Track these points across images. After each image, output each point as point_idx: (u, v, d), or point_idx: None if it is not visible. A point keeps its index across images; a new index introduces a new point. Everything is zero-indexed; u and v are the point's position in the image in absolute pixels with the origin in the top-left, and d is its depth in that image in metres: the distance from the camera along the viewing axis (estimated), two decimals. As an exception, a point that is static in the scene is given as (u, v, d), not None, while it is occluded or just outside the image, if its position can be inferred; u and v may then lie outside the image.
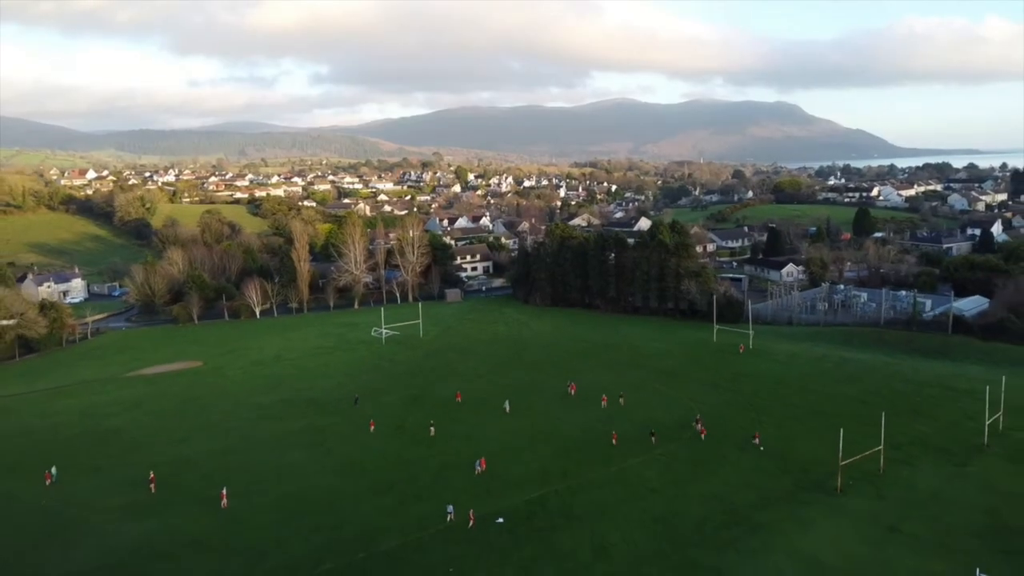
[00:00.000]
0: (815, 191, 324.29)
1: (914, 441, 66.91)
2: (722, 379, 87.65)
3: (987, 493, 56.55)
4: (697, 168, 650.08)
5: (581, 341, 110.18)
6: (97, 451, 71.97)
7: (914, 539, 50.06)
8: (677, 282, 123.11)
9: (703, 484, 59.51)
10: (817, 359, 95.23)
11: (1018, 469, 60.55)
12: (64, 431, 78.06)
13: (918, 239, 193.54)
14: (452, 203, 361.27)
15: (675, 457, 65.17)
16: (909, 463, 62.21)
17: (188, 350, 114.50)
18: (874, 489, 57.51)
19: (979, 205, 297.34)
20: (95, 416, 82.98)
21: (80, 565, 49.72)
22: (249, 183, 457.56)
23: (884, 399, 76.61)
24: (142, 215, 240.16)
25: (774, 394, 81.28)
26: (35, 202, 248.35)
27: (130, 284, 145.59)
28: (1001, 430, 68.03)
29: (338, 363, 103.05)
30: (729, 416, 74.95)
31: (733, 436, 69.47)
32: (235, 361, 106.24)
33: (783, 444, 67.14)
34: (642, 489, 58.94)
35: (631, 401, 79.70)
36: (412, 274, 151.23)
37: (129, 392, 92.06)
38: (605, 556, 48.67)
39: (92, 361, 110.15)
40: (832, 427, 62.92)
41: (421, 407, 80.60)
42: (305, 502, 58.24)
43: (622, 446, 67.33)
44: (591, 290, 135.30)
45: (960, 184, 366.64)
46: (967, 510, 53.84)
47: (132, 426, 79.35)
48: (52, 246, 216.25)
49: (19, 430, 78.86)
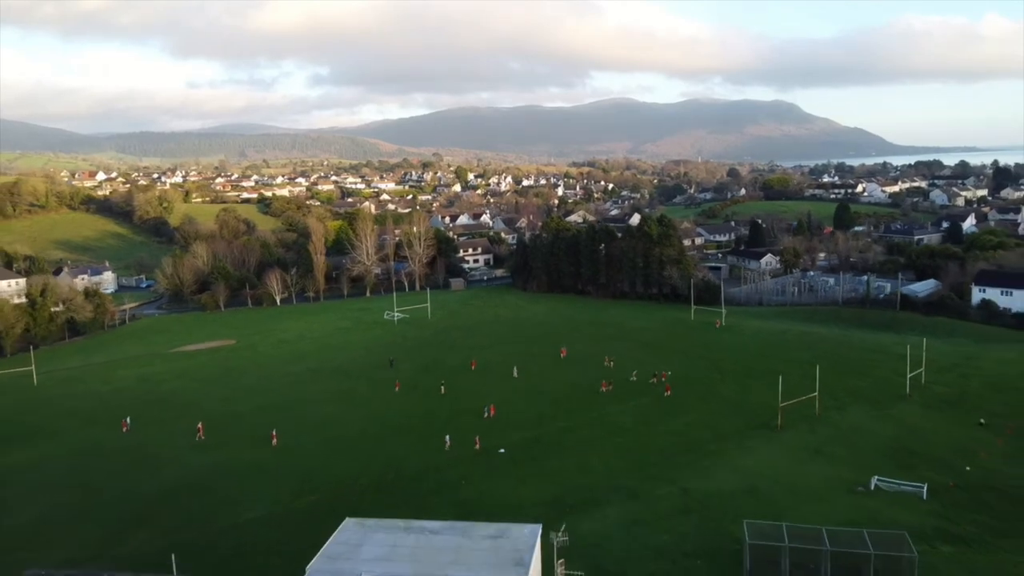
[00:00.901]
0: (802, 188, 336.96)
1: (849, 392, 79.71)
2: (694, 348, 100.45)
3: (898, 428, 69.38)
4: (693, 167, 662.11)
5: (573, 320, 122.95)
6: (157, 408, 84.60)
7: (832, 458, 62.86)
8: (660, 269, 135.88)
9: (668, 425, 72.23)
10: (780, 332, 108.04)
11: (927, 412, 73.39)
12: (126, 393, 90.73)
13: (892, 231, 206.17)
14: (453, 202, 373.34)
15: (647, 406, 77.90)
16: (841, 409, 74.97)
17: (220, 331, 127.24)
18: (808, 426, 70.24)
19: (959, 200, 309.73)
20: (150, 382, 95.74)
21: (165, 484, 62.24)
22: (255, 184, 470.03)
23: (830, 362, 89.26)
24: (160, 213, 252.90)
25: (737, 359, 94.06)
26: (57, 202, 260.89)
27: (160, 275, 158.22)
28: (924, 384, 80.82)
29: (356, 340, 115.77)
30: (695, 376, 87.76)
31: (696, 390, 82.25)
32: (264, 340, 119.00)
33: (738, 396, 79.95)
34: (618, 429, 71.65)
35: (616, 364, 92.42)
36: (419, 265, 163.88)
37: (175, 364, 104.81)
38: (586, 472, 61.31)
39: (135, 341, 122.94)
40: (779, 380, 75.49)
41: (433, 373, 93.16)
42: (341, 441, 70.89)
43: (603, 397, 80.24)
44: (583, 277, 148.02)
45: (944, 181, 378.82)
46: (878, 439, 66.63)
47: (183, 390, 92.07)
48: (76, 243, 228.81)
49: (89, 393, 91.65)
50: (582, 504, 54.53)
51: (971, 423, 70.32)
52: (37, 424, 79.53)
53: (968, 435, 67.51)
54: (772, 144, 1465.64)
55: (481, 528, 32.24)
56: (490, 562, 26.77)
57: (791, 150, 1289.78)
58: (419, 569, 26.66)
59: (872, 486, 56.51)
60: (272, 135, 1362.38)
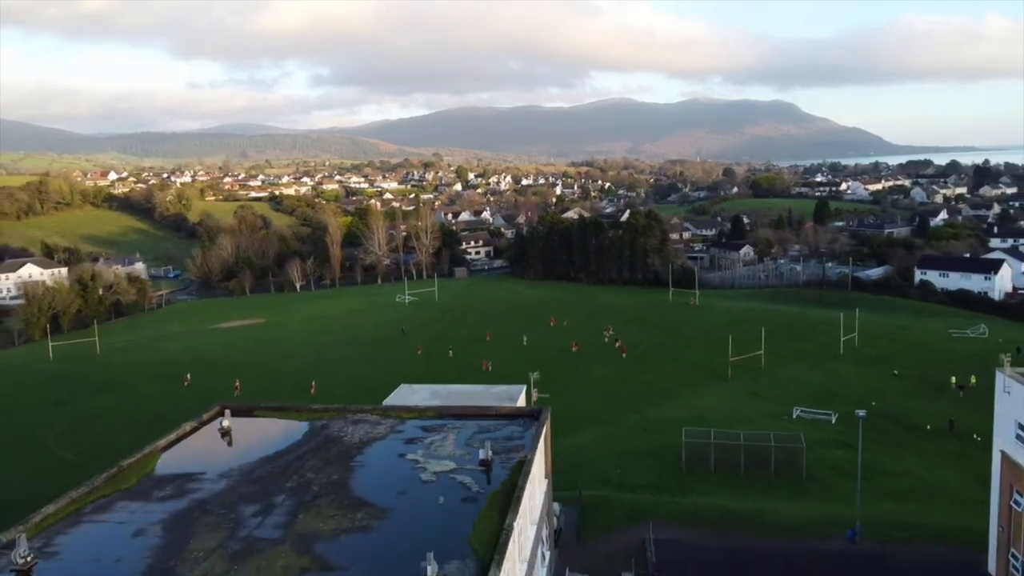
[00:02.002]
0: (789, 186, 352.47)
1: (793, 352, 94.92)
2: (669, 323, 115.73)
3: (826, 377, 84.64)
4: (690, 167, 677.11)
5: (565, 301, 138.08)
6: (209, 369, 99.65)
7: (768, 398, 78.01)
8: (644, 256, 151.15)
9: (639, 378, 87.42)
10: (745, 309, 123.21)
11: (854, 367, 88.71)
12: (178, 360, 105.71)
13: (865, 225, 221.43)
14: (454, 201, 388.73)
15: (624, 365, 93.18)
16: (783, 364, 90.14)
17: (249, 312, 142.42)
18: (753, 377, 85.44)
19: (937, 198, 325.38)
20: (197, 351, 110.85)
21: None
22: (261, 183, 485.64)
23: (783, 331, 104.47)
24: (179, 210, 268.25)
25: (704, 330, 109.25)
26: (82, 200, 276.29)
27: (191, 265, 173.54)
28: (856, 346, 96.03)
29: (373, 318, 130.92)
30: (667, 343, 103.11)
31: (667, 354, 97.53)
32: (291, 318, 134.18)
33: (701, 357, 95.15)
34: (599, 380, 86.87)
35: (596, 335, 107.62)
36: (426, 255, 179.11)
37: (216, 337, 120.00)
38: (569, 409, 76.10)
39: (176, 320, 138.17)
40: (739, 347, 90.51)
41: (442, 343, 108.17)
42: (368, 388, 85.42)
43: (588, 357, 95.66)
44: (575, 265, 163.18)
45: (927, 179, 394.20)
46: (809, 385, 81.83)
47: (227, 357, 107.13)
48: (102, 238, 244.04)
49: (145, 359, 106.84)
50: (566, 428, 69.40)
51: (887, 374, 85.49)
52: (112, 380, 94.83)
53: (882, 382, 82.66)
54: (771, 144, 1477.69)
55: (490, 387, 49.04)
56: (492, 400, 42.20)
57: (790, 150, 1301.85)
58: (448, 402, 41.98)
59: (795, 415, 71.67)
60: (273, 135, 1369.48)
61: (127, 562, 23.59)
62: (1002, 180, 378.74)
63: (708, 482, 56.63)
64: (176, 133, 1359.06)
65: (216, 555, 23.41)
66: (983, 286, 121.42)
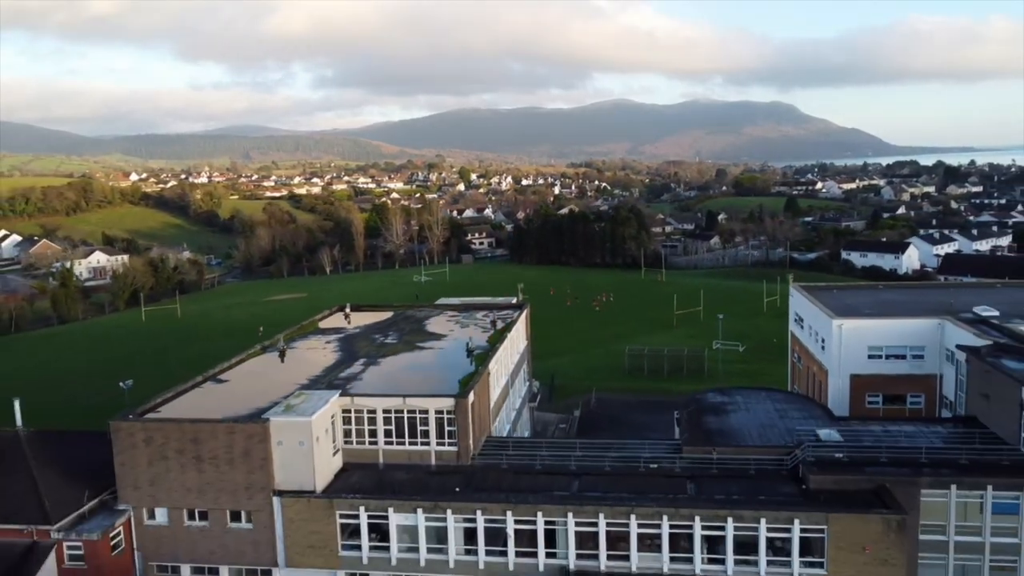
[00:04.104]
0: (769, 186, 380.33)
1: (727, 310, 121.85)
2: (638, 294, 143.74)
3: (746, 325, 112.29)
4: (686, 167, 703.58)
5: (556, 280, 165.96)
6: (274, 327, 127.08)
7: (699, 337, 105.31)
8: (623, 243, 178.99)
9: (608, 328, 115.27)
10: (701, 283, 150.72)
11: (770, 319, 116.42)
12: (247, 320, 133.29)
13: (825, 219, 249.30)
14: (457, 200, 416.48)
15: (598, 319, 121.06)
16: (718, 316, 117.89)
17: (291, 290, 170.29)
18: (692, 324, 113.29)
19: (904, 196, 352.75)
20: (259, 316, 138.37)
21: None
22: (275, 183, 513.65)
23: (725, 296, 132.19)
24: (211, 207, 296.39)
25: (664, 298, 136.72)
26: (121, 198, 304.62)
27: (235, 252, 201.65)
28: (778, 306, 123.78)
29: (396, 292, 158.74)
30: (635, 307, 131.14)
31: (634, 314, 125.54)
32: (328, 293, 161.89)
33: (658, 314, 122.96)
34: (578, 330, 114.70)
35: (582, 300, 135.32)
36: (437, 244, 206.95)
37: (271, 306, 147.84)
38: (553, 343, 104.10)
39: (232, 296, 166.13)
40: (686, 306, 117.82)
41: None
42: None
43: (572, 314, 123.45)
44: (565, 251, 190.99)
45: (900, 179, 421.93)
46: (733, 330, 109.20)
47: (286, 318, 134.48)
48: (144, 231, 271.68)
49: (218, 321, 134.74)
50: (551, 354, 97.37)
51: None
52: (196, 334, 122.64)
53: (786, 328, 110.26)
54: (769, 144, 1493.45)
55: (495, 298, 76.06)
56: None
57: (788, 150, 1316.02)
58: (470, 303, 69.64)
59: (715, 346, 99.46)
60: (275, 137, 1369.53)
61: (326, 354, 51.98)
62: (969, 180, 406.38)
63: (641, 380, 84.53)
64: (180, 135, 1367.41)
65: (372, 347, 51.75)
66: (893, 264, 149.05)
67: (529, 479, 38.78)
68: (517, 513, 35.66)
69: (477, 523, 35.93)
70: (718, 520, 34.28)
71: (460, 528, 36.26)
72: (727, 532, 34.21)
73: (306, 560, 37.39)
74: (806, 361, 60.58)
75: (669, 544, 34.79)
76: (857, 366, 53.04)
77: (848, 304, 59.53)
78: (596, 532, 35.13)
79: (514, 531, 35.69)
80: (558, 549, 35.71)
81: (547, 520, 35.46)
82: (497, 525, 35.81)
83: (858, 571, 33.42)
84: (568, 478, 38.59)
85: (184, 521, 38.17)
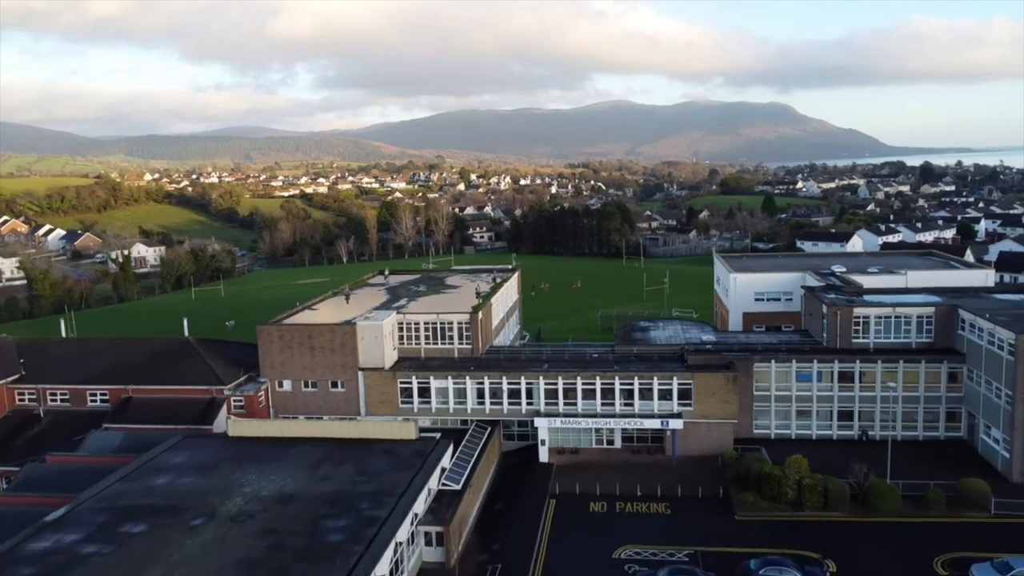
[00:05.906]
0: (752, 185, 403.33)
1: (691, 290, 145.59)
2: (619, 277, 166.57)
3: (702, 299, 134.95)
4: (682, 168, 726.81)
5: (548, 268, 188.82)
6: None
7: (660, 307, 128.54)
8: (608, 236, 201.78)
9: (587, 303, 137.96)
10: (677, 270, 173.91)
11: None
12: (284, 298, 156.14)
13: (797, 215, 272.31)
14: (458, 199, 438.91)
15: (581, 295, 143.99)
16: (680, 294, 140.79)
17: (314, 275, 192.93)
18: (658, 298, 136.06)
19: (879, 195, 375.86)
20: (293, 295, 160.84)
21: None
22: (282, 183, 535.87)
23: (690, 277, 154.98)
24: (231, 205, 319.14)
25: (638, 280, 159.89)
26: (146, 196, 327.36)
27: (261, 244, 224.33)
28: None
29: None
30: (615, 288, 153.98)
31: (612, 293, 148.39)
32: (347, 278, 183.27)
33: (629, 291, 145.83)
34: (564, 304, 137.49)
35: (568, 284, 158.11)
36: (442, 237, 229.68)
37: (300, 288, 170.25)
38: (540, 310, 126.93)
39: (264, 280, 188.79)
40: (655, 284, 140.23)
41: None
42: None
43: (556, 292, 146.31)
44: (557, 243, 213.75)
45: (878, 179, 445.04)
46: (689, 303, 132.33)
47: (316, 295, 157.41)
48: (171, 227, 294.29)
49: (258, 300, 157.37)
50: (537, 319, 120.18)
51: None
52: (244, 307, 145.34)
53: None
54: (767, 145, 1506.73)
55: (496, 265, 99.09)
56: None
57: (785, 151, 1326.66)
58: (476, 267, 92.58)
59: (672, 313, 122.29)
60: (276, 138, 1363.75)
61: (376, 296, 75.33)
62: (944, 180, 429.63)
63: (609, 335, 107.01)
64: (181, 136, 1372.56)
65: (409, 292, 75.07)
66: (839, 251, 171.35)
67: (517, 363, 61.76)
68: (509, 378, 58.59)
69: (485, 385, 58.83)
70: (629, 378, 57.24)
71: (474, 388, 59.13)
72: (634, 385, 57.18)
73: (378, 411, 60.20)
74: (719, 306, 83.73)
75: (601, 394, 57.70)
76: (747, 306, 76.44)
77: (748, 265, 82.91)
78: (556, 388, 58.05)
79: (507, 389, 58.59)
80: (533, 400, 58.58)
81: (527, 382, 58.40)
82: (496, 385, 58.72)
83: (711, 406, 56.35)
84: (541, 362, 61.56)
85: (302, 388, 61.08)
